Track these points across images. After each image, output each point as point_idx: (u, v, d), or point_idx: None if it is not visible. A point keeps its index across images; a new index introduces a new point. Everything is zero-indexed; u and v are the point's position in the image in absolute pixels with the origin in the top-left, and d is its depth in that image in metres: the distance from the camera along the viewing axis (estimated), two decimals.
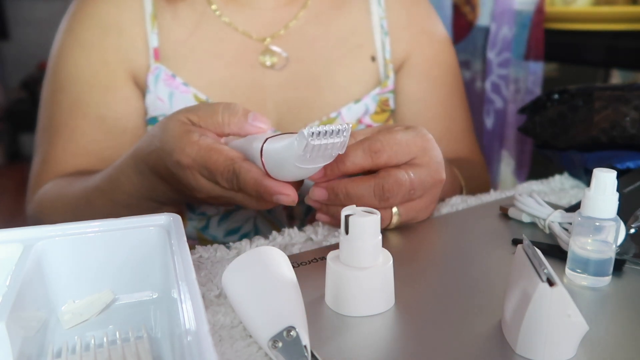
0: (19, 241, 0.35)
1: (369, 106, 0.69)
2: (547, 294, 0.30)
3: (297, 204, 0.66)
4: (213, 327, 0.36)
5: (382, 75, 0.72)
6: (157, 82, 0.64)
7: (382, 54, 0.72)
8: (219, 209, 0.65)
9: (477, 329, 0.35)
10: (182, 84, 0.64)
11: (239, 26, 0.67)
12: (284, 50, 0.67)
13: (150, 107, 0.65)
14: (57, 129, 0.65)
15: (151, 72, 0.64)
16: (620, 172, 0.59)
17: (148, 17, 0.64)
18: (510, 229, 0.50)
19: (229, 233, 0.66)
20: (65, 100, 0.65)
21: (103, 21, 0.65)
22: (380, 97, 0.70)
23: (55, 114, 0.66)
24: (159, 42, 0.64)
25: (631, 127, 0.60)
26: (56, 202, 0.61)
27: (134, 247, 0.37)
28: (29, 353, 0.31)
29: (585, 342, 0.32)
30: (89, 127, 0.65)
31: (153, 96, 0.64)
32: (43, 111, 0.68)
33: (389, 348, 0.33)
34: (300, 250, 0.48)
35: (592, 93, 0.64)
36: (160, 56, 0.64)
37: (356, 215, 0.36)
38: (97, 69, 0.64)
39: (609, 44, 1.11)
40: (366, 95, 0.69)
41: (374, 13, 0.72)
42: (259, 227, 0.67)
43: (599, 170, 0.39)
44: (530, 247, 0.33)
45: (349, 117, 0.68)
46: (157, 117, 0.65)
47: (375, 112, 0.70)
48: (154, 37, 0.64)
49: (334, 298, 0.37)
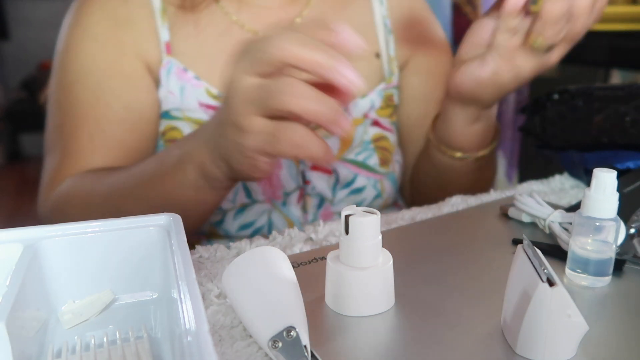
0: (19, 241, 0.35)
1: (374, 101, 0.71)
2: (547, 294, 0.30)
3: (310, 197, 0.67)
4: (213, 327, 0.36)
5: (386, 71, 0.73)
6: (169, 75, 0.64)
7: (385, 51, 0.74)
8: (234, 203, 0.65)
9: (477, 329, 0.35)
10: (194, 78, 0.64)
11: (245, 24, 0.67)
12: None
13: (162, 101, 0.65)
14: (79, 121, 0.63)
15: (163, 65, 0.64)
16: (620, 172, 0.59)
17: (157, 12, 0.65)
18: (510, 229, 0.50)
19: (242, 227, 0.66)
20: (84, 91, 0.63)
21: (114, 15, 0.64)
22: (385, 92, 0.72)
23: (73, 107, 0.64)
24: (170, 37, 0.65)
25: (631, 127, 0.60)
26: (86, 197, 0.59)
27: (134, 247, 0.37)
28: (29, 353, 0.31)
29: (585, 342, 0.32)
30: (116, 117, 0.63)
31: (165, 90, 0.65)
32: (56, 108, 0.66)
33: (389, 348, 0.33)
34: (300, 250, 0.48)
35: (592, 93, 0.64)
36: (172, 50, 0.65)
37: (356, 215, 0.36)
38: (114, 59, 0.63)
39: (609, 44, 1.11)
40: (372, 91, 0.71)
41: (376, 12, 0.74)
42: (273, 221, 0.67)
43: (599, 170, 0.39)
44: (530, 247, 0.33)
45: (355, 112, 0.69)
46: (169, 111, 0.65)
47: (380, 107, 0.72)
48: (164, 31, 0.65)
49: (334, 298, 0.37)
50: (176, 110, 0.65)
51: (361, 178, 0.69)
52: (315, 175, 0.67)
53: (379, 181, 0.70)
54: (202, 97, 0.64)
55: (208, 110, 0.65)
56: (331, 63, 0.40)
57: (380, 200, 0.72)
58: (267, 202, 0.66)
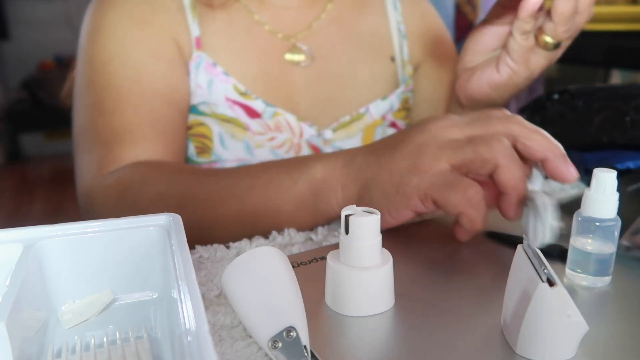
0: (19, 241, 0.35)
1: (393, 103, 0.74)
2: (547, 294, 0.30)
3: None
4: (213, 327, 0.36)
5: (400, 74, 0.76)
6: (198, 69, 0.65)
7: (400, 55, 0.76)
8: None
9: (477, 329, 0.35)
10: (223, 73, 0.65)
11: (265, 23, 0.68)
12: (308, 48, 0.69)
13: (191, 95, 0.66)
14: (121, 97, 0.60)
15: (193, 60, 0.65)
16: (620, 172, 0.59)
17: (187, 8, 0.65)
18: (511, 229, 0.50)
19: None
20: (123, 69, 0.60)
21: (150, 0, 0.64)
22: (403, 95, 0.75)
23: (112, 84, 0.60)
24: (200, 32, 0.65)
25: (631, 127, 0.60)
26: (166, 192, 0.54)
27: (134, 247, 0.37)
28: (29, 353, 0.31)
29: (585, 342, 0.32)
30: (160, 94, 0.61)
31: (194, 84, 0.65)
32: (88, 88, 0.62)
33: (389, 348, 0.33)
34: (300, 250, 0.48)
35: (592, 93, 0.64)
36: (202, 45, 0.65)
37: (356, 215, 0.36)
38: (154, 40, 0.62)
39: (609, 44, 1.11)
40: (392, 93, 0.73)
41: (391, 17, 0.76)
42: None
43: (599, 170, 0.39)
44: (530, 247, 0.33)
45: (376, 113, 0.72)
46: (197, 106, 0.66)
47: (397, 110, 0.74)
48: (195, 26, 0.65)
49: (334, 298, 0.37)
50: (203, 104, 0.66)
51: None
52: None
53: None
54: (229, 92, 0.65)
55: (234, 106, 0.66)
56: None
57: None
58: None
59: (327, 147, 0.69)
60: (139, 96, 0.61)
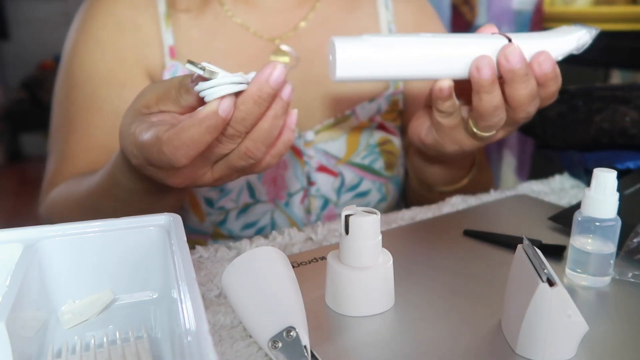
0: (19, 241, 0.35)
1: (381, 105, 0.72)
2: (547, 294, 0.30)
3: (314, 198, 0.67)
4: (213, 327, 0.36)
5: None
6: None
7: None
8: (237, 203, 0.65)
9: (477, 329, 0.35)
10: None
11: (250, 27, 0.67)
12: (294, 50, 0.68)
13: None
14: (72, 125, 0.65)
15: (167, 69, 0.65)
16: (620, 172, 0.59)
17: (162, 17, 0.65)
18: (511, 230, 0.50)
19: (245, 227, 0.67)
20: (81, 96, 0.65)
21: (118, 19, 0.65)
22: (392, 97, 0.73)
23: (69, 111, 0.65)
24: (174, 41, 0.65)
25: (631, 127, 0.60)
26: (66, 203, 0.61)
27: (134, 247, 0.37)
28: (29, 353, 0.31)
29: (585, 342, 0.32)
30: (104, 121, 0.64)
31: None
32: (57, 109, 0.67)
33: (389, 348, 0.33)
34: (300, 250, 0.48)
35: (592, 93, 0.64)
36: (176, 54, 0.65)
37: (356, 215, 0.36)
38: (113, 66, 0.65)
39: (609, 44, 1.11)
40: (380, 95, 0.71)
41: (382, 17, 0.74)
42: (276, 221, 0.67)
43: (599, 170, 0.39)
44: (530, 247, 0.33)
45: (363, 116, 0.70)
46: None
47: (385, 111, 0.72)
48: (168, 35, 0.65)
49: (334, 298, 0.37)
50: None
51: (366, 182, 0.69)
52: (320, 177, 0.67)
53: (384, 185, 0.70)
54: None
55: None
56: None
57: (385, 204, 0.72)
58: (270, 202, 0.66)
59: (309, 150, 0.68)
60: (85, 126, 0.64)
